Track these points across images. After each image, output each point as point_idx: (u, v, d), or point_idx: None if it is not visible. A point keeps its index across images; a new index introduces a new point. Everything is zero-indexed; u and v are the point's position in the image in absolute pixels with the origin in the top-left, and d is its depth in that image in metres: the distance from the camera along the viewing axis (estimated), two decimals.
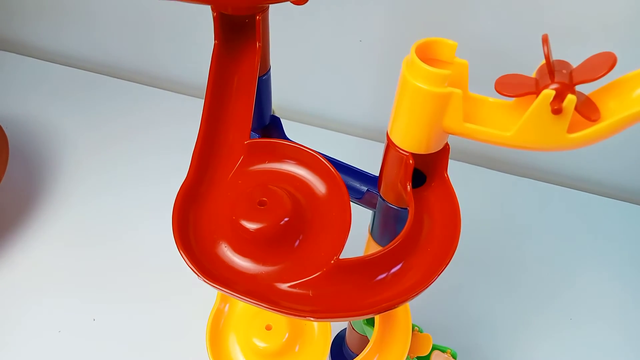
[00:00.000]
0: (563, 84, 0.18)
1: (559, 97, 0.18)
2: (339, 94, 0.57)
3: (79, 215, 0.48)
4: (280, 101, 0.59)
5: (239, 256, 0.20)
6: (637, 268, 0.48)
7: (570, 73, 0.18)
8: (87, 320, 0.42)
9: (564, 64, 0.19)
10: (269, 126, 0.30)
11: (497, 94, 0.20)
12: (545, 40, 0.18)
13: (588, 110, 0.18)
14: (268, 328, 0.28)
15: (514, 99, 0.20)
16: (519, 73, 0.20)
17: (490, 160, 0.57)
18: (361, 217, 0.29)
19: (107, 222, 0.48)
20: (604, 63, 0.17)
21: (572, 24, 0.43)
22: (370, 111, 0.57)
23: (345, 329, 0.40)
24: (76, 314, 0.42)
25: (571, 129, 0.19)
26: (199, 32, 0.53)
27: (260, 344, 0.28)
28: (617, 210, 0.53)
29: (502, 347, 0.42)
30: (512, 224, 0.51)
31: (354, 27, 0.50)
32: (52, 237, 0.47)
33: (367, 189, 0.27)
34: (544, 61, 0.19)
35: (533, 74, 0.20)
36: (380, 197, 0.25)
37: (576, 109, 0.18)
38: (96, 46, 0.63)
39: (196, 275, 0.19)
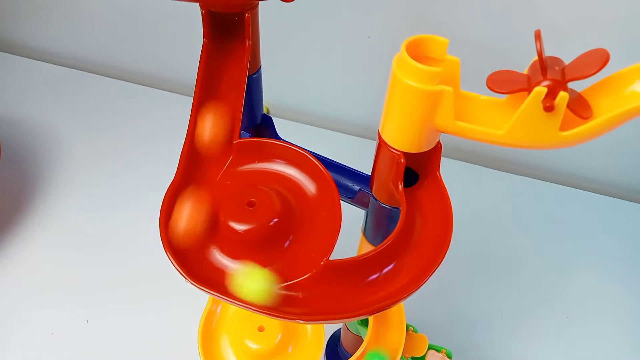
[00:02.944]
0: (555, 80, 0.18)
1: (551, 94, 0.18)
2: (332, 92, 0.57)
3: (72, 216, 0.48)
4: (273, 99, 0.59)
5: (227, 258, 0.20)
6: (634, 266, 0.48)
7: (563, 70, 0.18)
8: (80, 321, 0.41)
9: (556, 60, 0.19)
10: (260, 125, 0.29)
11: (489, 91, 0.20)
12: (537, 36, 0.18)
13: (580, 107, 0.18)
14: (260, 329, 0.28)
15: (506, 96, 0.20)
16: (511, 69, 0.20)
17: (484, 158, 0.56)
18: (354, 217, 0.29)
19: (100, 224, 0.48)
20: (596, 60, 0.17)
21: (565, 21, 0.43)
22: (363, 109, 0.57)
23: (341, 329, 0.39)
24: (69, 315, 0.42)
25: (564, 127, 0.19)
26: (190, 30, 0.53)
27: (253, 345, 0.28)
28: (614, 208, 0.53)
29: (497, 346, 0.42)
30: (507, 222, 0.51)
31: (346, 24, 0.50)
32: (45, 239, 0.46)
33: (360, 189, 0.27)
34: (536, 58, 0.18)
35: (525, 71, 0.20)
36: (373, 196, 0.25)
37: (568, 106, 0.18)
38: (88, 45, 0.62)
39: (183, 278, 0.19)
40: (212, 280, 0.19)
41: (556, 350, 0.42)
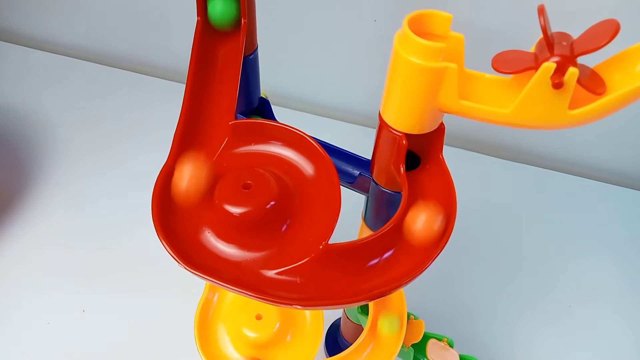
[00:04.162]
0: (564, 56, 0.17)
1: (560, 70, 0.17)
2: (334, 79, 0.56)
3: (68, 205, 0.47)
4: (270, 86, 0.58)
5: (223, 242, 0.19)
6: (636, 254, 0.47)
7: (571, 45, 0.17)
8: (77, 311, 0.41)
9: (564, 35, 0.18)
10: (257, 109, 0.28)
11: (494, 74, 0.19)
12: (541, 11, 0.17)
13: (593, 83, 0.17)
14: (258, 318, 0.27)
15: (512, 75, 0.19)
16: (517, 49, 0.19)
17: (485, 146, 0.56)
18: (354, 202, 0.28)
19: (97, 213, 0.47)
20: (606, 31, 0.16)
21: (575, 3, 0.42)
22: (365, 96, 0.56)
23: (340, 318, 0.39)
24: (65, 305, 0.41)
25: (573, 105, 0.18)
26: (187, 17, 0.52)
27: (251, 334, 0.27)
28: (615, 196, 0.52)
29: (499, 334, 0.41)
30: (508, 211, 0.50)
31: (351, 5, 0.48)
32: (40, 228, 0.46)
33: (360, 173, 0.26)
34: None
35: (532, 49, 0.19)
36: (373, 180, 0.24)
37: (580, 82, 0.17)
38: (82, 32, 0.61)
39: (177, 263, 0.18)
40: (206, 265, 0.19)
41: (559, 339, 0.42)
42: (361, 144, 0.32)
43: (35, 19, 0.62)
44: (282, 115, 0.31)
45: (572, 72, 0.17)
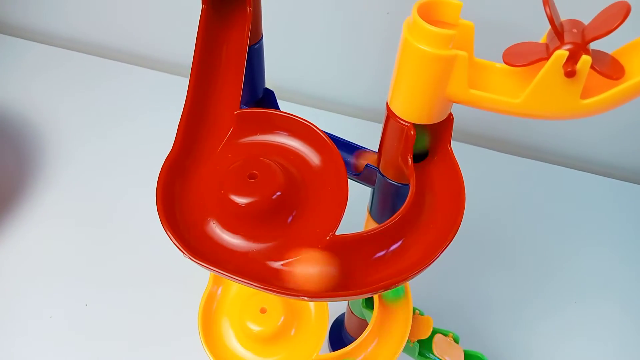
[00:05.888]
0: (575, 44, 0.17)
1: (572, 58, 0.17)
2: (338, 72, 0.55)
3: (69, 198, 0.47)
4: (275, 80, 0.57)
5: (228, 233, 0.19)
6: None
7: (582, 31, 0.17)
8: (79, 305, 0.41)
9: (574, 23, 0.18)
10: (261, 100, 0.28)
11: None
12: (546, 1, 0.17)
13: (610, 69, 0.17)
14: (262, 311, 0.27)
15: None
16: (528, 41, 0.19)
17: (489, 140, 0.55)
18: (360, 195, 0.28)
19: (98, 206, 0.47)
20: (616, 14, 0.16)
21: None
22: (371, 90, 0.55)
23: (344, 313, 0.39)
24: (68, 299, 0.41)
25: (585, 95, 0.17)
26: (188, 3, 0.51)
27: (255, 327, 0.27)
28: (621, 191, 0.52)
29: (504, 329, 0.41)
30: (514, 205, 0.50)
31: None
32: (42, 221, 0.45)
33: (366, 165, 0.26)
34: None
35: (542, 39, 0.19)
36: (380, 172, 0.24)
37: (596, 69, 0.16)
38: (77, 24, 0.61)
39: (182, 254, 0.18)
40: (211, 255, 0.18)
41: (564, 335, 0.41)
42: (367, 138, 0.32)
43: (29, 10, 0.61)
44: (287, 109, 0.30)
45: (584, 60, 0.16)
